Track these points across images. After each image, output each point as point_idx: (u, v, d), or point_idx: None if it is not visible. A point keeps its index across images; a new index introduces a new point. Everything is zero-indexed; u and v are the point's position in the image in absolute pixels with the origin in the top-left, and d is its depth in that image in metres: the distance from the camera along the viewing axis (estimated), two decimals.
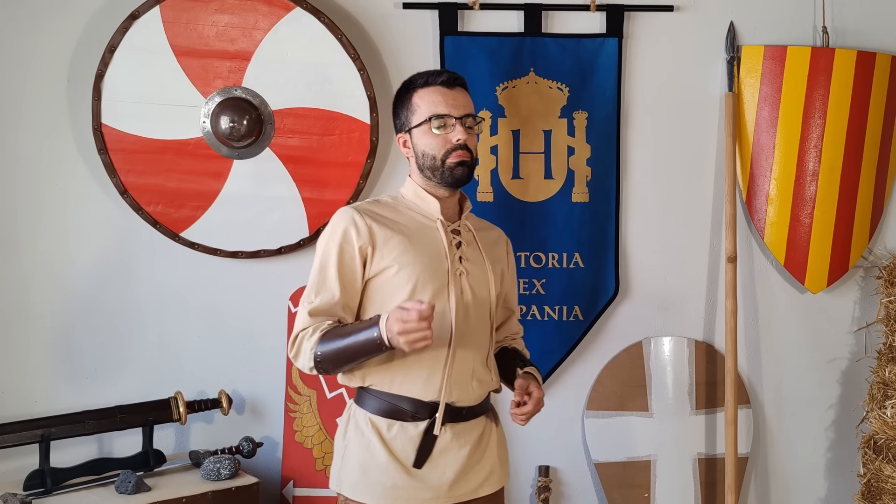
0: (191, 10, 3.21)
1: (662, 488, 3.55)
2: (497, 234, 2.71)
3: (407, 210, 2.54)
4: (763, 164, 3.54)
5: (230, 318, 3.43)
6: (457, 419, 2.47)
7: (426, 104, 2.49)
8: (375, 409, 2.46)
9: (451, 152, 2.47)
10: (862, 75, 3.52)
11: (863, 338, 3.73)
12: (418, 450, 2.43)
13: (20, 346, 3.32)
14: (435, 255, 2.47)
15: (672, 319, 3.63)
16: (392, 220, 2.49)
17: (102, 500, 2.94)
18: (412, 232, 2.48)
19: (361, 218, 2.45)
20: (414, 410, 2.44)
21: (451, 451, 2.46)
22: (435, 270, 2.45)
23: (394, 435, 2.44)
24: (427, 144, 2.49)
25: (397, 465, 2.43)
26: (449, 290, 2.45)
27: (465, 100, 2.52)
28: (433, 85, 2.50)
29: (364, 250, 2.43)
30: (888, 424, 3.41)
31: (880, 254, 3.68)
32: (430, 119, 2.47)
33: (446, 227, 2.51)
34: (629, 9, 3.48)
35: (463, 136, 2.47)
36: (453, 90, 2.50)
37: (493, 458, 2.56)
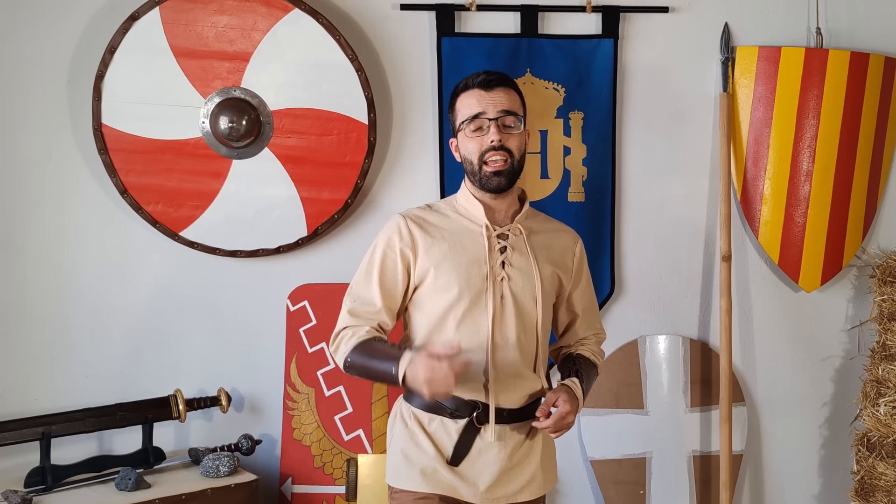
0: (190, 12, 3.22)
1: (657, 485, 3.56)
2: (565, 238, 2.63)
3: (457, 215, 2.53)
4: (757, 163, 3.55)
5: (229, 316, 3.44)
6: (498, 421, 2.45)
7: (464, 107, 2.47)
8: (419, 403, 2.48)
9: (485, 155, 2.43)
10: (855, 76, 3.53)
11: (856, 336, 3.73)
12: (455, 447, 2.44)
13: (21, 345, 3.33)
14: (474, 260, 2.45)
15: (667, 318, 3.64)
16: (438, 227, 2.50)
17: (102, 496, 2.95)
18: (456, 237, 2.48)
19: (406, 226, 2.48)
20: (454, 408, 2.44)
21: (490, 452, 2.45)
22: (473, 276, 2.43)
23: (434, 428, 2.46)
24: (466, 149, 2.47)
25: (438, 455, 2.44)
26: (487, 296, 2.43)
27: (503, 98, 2.45)
28: (472, 87, 2.47)
29: (406, 258, 2.47)
30: (881, 422, 3.42)
31: (874, 253, 3.69)
32: (465, 122, 2.45)
33: (491, 232, 2.48)
34: (625, 10, 3.49)
35: (497, 137, 2.42)
36: (492, 91, 2.45)
37: (535, 464, 2.52)
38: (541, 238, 2.56)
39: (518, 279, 2.47)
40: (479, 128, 2.44)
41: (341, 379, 3.36)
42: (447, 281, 2.44)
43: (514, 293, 2.46)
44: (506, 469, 2.46)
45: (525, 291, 2.46)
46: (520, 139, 2.48)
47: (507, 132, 2.44)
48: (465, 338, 2.43)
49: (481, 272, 2.44)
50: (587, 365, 2.61)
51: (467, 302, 2.43)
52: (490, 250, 2.46)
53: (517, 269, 2.47)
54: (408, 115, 3.47)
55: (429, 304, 2.48)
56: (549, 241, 2.57)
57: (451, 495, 2.44)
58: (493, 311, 2.42)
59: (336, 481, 3.34)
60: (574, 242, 2.64)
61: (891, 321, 3.47)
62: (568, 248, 2.61)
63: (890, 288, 3.47)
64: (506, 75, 2.52)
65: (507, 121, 2.45)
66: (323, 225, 3.37)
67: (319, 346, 3.38)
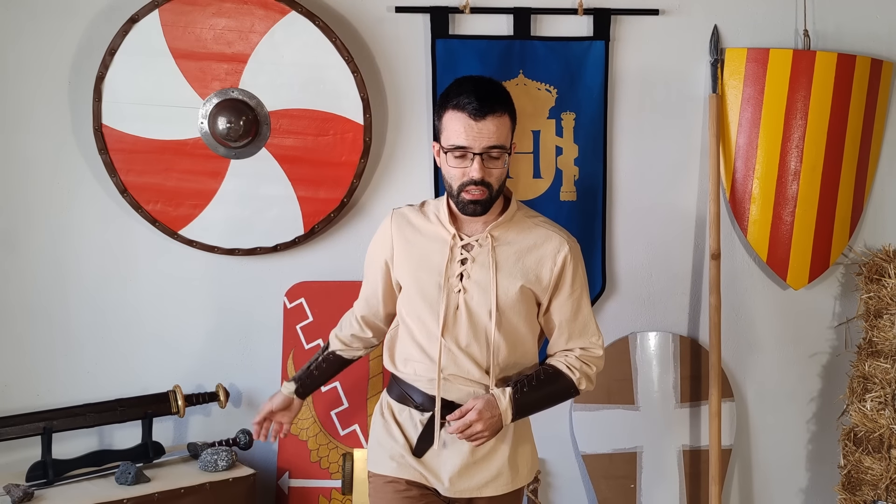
0: (189, 14, 3.22)
1: (648, 479, 3.58)
2: (547, 248, 2.50)
3: (437, 220, 2.53)
4: (746, 163, 3.56)
5: (227, 313, 3.45)
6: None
7: (449, 131, 2.38)
8: (394, 395, 2.59)
9: (465, 186, 2.38)
10: (842, 77, 3.54)
11: (843, 333, 3.75)
12: (419, 439, 2.51)
13: (23, 341, 3.34)
14: (434, 270, 2.48)
15: (657, 315, 3.65)
16: (417, 231, 2.54)
17: (103, 490, 2.95)
18: (427, 245, 2.52)
19: (390, 230, 2.57)
20: (419, 402, 2.52)
21: (452, 445, 2.49)
22: (429, 286, 2.48)
23: (404, 419, 2.55)
24: (446, 171, 2.43)
25: (406, 443, 2.53)
26: (439, 306, 2.46)
27: (492, 130, 2.35)
28: (461, 110, 2.35)
29: (386, 264, 2.60)
30: (868, 417, 3.44)
31: (860, 251, 3.71)
32: (449, 150, 2.39)
33: (455, 243, 2.48)
34: (616, 12, 3.49)
35: (478, 175, 2.36)
36: (482, 121, 2.34)
37: (501, 460, 2.53)
38: (511, 248, 2.48)
39: (474, 292, 2.45)
40: (463, 157, 2.38)
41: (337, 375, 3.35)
42: (408, 287, 2.53)
43: (470, 306, 2.46)
44: (469, 463, 2.50)
45: (481, 305, 2.45)
46: (502, 171, 2.41)
47: (490, 166, 2.38)
48: (424, 342, 2.50)
49: (437, 283, 2.47)
50: (548, 377, 2.51)
51: (423, 308, 2.49)
52: (450, 262, 2.47)
53: (475, 281, 2.45)
54: (402, 115, 3.48)
55: (400, 300, 2.59)
56: (522, 252, 2.49)
57: (419, 481, 2.52)
58: (442, 321, 2.45)
59: (332, 475, 3.34)
60: (557, 252, 2.49)
61: (877, 318, 3.48)
62: (546, 259, 2.49)
63: (876, 285, 3.49)
64: (499, 95, 2.41)
65: (492, 153, 2.37)
66: (319, 224, 3.38)
67: (316, 342, 3.38)
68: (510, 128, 2.44)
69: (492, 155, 2.38)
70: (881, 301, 3.48)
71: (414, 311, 2.52)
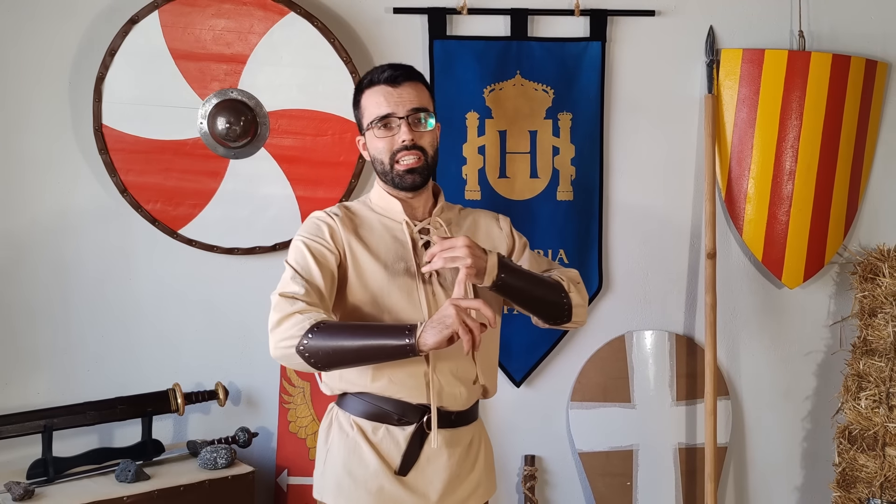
0: (188, 15, 3.23)
1: (644, 477, 3.59)
2: (487, 219, 2.51)
3: (373, 213, 2.40)
4: (741, 163, 3.58)
5: (227, 312, 3.45)
6: (446, 424, 2.31)
7: (371, 105, 2.32)
8: (360, 411, 2.32)
9: (397, 154, 2.30)
10: (837, 78, 3.55)
11: (838, 331, 3.76)
12: (404, 455, 2.29)
13: (24, 340, 3.33)
14: (400, 258, 2.33)
15: (654, 314, 3.67)
16: (360, 226, 2.37)
17: (103, 488, 2.94)
18: (378, 236, 2.36)
19: (334, 221, 2.35)
20: (401, 413, 2.30)
21: (439, 458, 2.32)
22: (401, 276, 2.30)
23: (380, 438, 2.30)
24: (375, 149, 2.33)
25: (385, 468, 2.29)
26: (419, 293, 2.30)
27: (413, 95, 2.31)
28: (377, 84, 2.31)
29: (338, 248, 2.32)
30: (862, 415, 3.46)
31: (855, 250, 3.72)
32: (374, 122, 2.31)
33: (412, 228, 2.36)
34: (612, 13, 3.51)
35: (408, 137, 2.28)
36: (399, 87, 2.30)
37: (481, 469, 2.41)
38: (461, 228, 2.45)
39: (446, 273, 2.32)
40: (388, 127, 2.30)
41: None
42: (376, 281, 2.30)
43: (445, 287, 2.33)
44: (454, 475, 2.34)
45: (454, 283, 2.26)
46: (432, 136, 2.34)
47: (419, 130, 2.31)
48: None
49: (409, 270, 2.32)
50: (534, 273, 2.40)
51: (399, 302, 2.29)
52: (414, 246, 2.34)
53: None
54: None
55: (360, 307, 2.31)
56: (469, 228, 2.46)
57: None
58: (427, 309, 2.29)
59: None
60: (495, 220, 2.52)
61: (871, 317, 3.50)
62: (491, 226, 2.50)
63: (870, 284, 3.50)
64: (412, 68, 2.38)
65: (418, 118, 2.31)
66: None
67: None
68: (430, 98, 2.38)
69: (418, 119, 2.31)
70: (876, 300, 3.49)
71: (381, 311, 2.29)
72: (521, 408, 3.62)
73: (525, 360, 3.55)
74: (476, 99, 3.46)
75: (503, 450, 3.59)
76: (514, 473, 3.64)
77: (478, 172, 3.49)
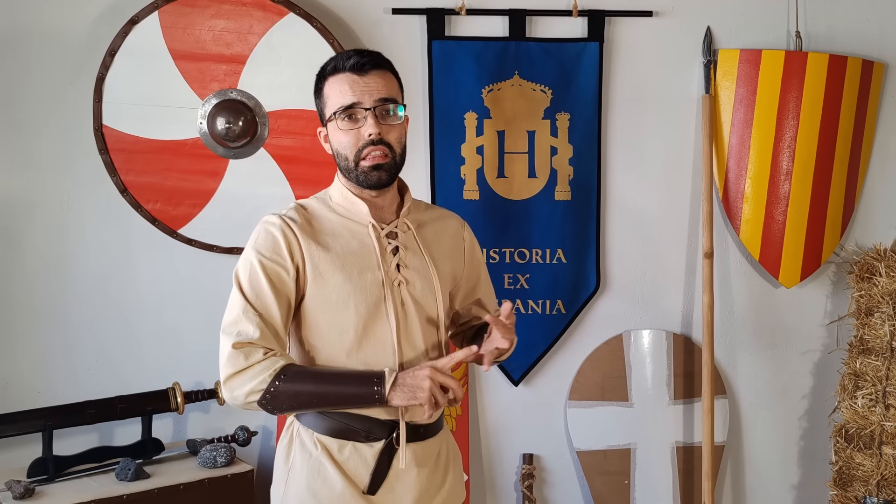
0: (188, 16, 3.24)
1: (642, 475, 3.60)
2: (452, 223, 2.36)
3: (335, 215, 2.21)
4: (739, 163, 3.59)
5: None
6: (415, 438, 2.16)
7: (335, 94, 2.13)
8: (324, 428, 2.13)
9: (363, 150, 2.12)
10: (834, 78, 3.56)
11: (834, 331, 3.77)
12: (373, 474, 2.12)
13: (24, 339, 3.34)
14: (367, 266, 2.14)
15: (651, 313, 3.67)
16: (321, 230, 2.18)
17: (103, 486, 2.95)
18: (342, 241, 2.16)
19: (288, 229, 2.14)
20: (368, 430, 2.12)
21: (409, 473, 2.16)
22: (368, 285, 2.12)
23: (346, 457, 2.13)
24: (338, 142, 2.15)
25: (352, 489, 2.12)
26: (386, 304, 2.13)
27: (381, 84, 2.12)
28: (342, 71, 2.12)
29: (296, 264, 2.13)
30: (859, 414, 3.47)
31: (851, 250, 3.72)
32: (337, 113, 2.12)
33: (379, 232, 2.17)
34: (610, 14, 3.52)
35: (375, 130, 2.09)
36: (366, 75, 2.11)
37: (451, 479, 2.27)
38: (429, 230, 2.28)
39: (416, 281, 2.18)
40: (353, 118, 2.12)
41: None
42: (340, 292, 2.12)
43: (415, 296, 2.17)
44: (425, 490, 2.18)
45: (425, 293, 2.19)
46: (399, 130, 2.16)
47: (386, 123, 2.13)
48: (369, 354, 2.12)
49: (376, 279, 2.13)
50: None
51: (366, 314, 2.12)
52: (382, 253, 2.16)
53: (413, 269, 2.19)
54: None
55: (322, 320, 2.14)
56: (437, 232, 2.29)
57: None
58: (395, 322, 2.12)
59: None
60: (461, 226, 2.37)
61: (868, 316, 3.51)
62: (457, 235, 2.35)
63: (867, 284, 3.52)
64: (380, 55, 2.18)
65: (386, 108, 2.13)
66: None
67: None
68: (398, 88, 2.20)
69: (386, 111, 2.13)
70: (872, 299, 3.50)
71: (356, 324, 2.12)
72: (519, 406, 3.63)
73: (523, 359, 3.55)
74: (474, 99, 3.47)
75: (501, 448, 3.61)
76: (512, 472, 3.65)
77: (476, 172, 3.50)
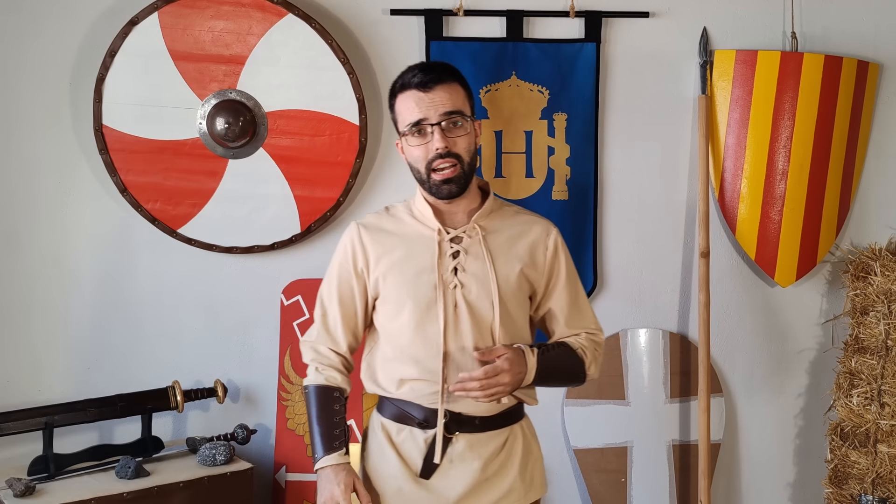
0: (188, 17, 3.25)
1: (638, 473, 3.60)
2: (536, 231, 2.37)
3: (412, 220, 2.34)
4: (735, 163, 3.59)
5: (225, 310, 3.47)
6: (470, 429, 2.27)
7: (404, 111, 2.24)
8: (388, 413, 2.33)
9: (432, 164, 2.22)
10: (829, 78, 3.56)
11: (830, 329, 3.78)
12: (425, 458, 2.27)
13: (25, 338, 3.36)
14: (425, 268, 2.26)
15: (648, 312, 3.68)
16: (392, 233, 2.32)
17: (103, 484, 2.96)
18: (409, 245, 2.30)
19: (359, 238, 2.32)
20: (422, 417, 2.28)
21: (463, 462, 2.27)
22: (422, 286, 2.25)
23: (402, 440, 2.30)
24: (411, 156, 2.26)
25: (405, 470, 2.28)
26: (437, 306, 2.24)
27: (445, 98, 2.21)
28: (409, 88, 2.23)
29: (361, 275, 2.33)
30: (854, 412, 3.48)
31: (846, 249, 3.72)
32: (407, 128, 2.23)
33: (443, 237, 2.28)
34: (607, 15, 3.52)
35: (442, 144, 2.19)
36: (431, 91, 2.20)
37: (513, 474, 2.31)
38: (502, 236, 2.32)
39: (472, 285, 2.26)
40: (422, 133, 2.22)
41: None
42: (396, 293, 2.28)
43: (469, 300, 2.25)
44: (480, 481, 2.28)
45: (481, 297, 2.26)
46: (468, 140, 2.24)
47: (453, 135, 2.21)
48: (419, 351, 2.26)
49: (430, 281, 2.25)
50: (566, 349, 2.35)
51: (417, 313, 2.25)
52: (440, 256, 2.27)
53: (471, 274, 2.26)
54: None
55: (383, 314, 2.33)
56: (512, 238, 2.33)
57: None
58: (443, 322, 2.23)
59: None
60: (546, 234, 2.37)
61: (863, 315, 3.52)
62: (538, 242, 2.36)
63: (862, 283, 3.52)
64: (446, 68, 2.27)
65: (453, 121, 2.21)
66: (316, 222, 3.41)
67: None
68: (465, 97, 2.27)
69: (453, 123, 2.22)
70: (867, 298, 3.51)
71: (410, 321, 2.27)
72: None
73: None
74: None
75: None
76: None
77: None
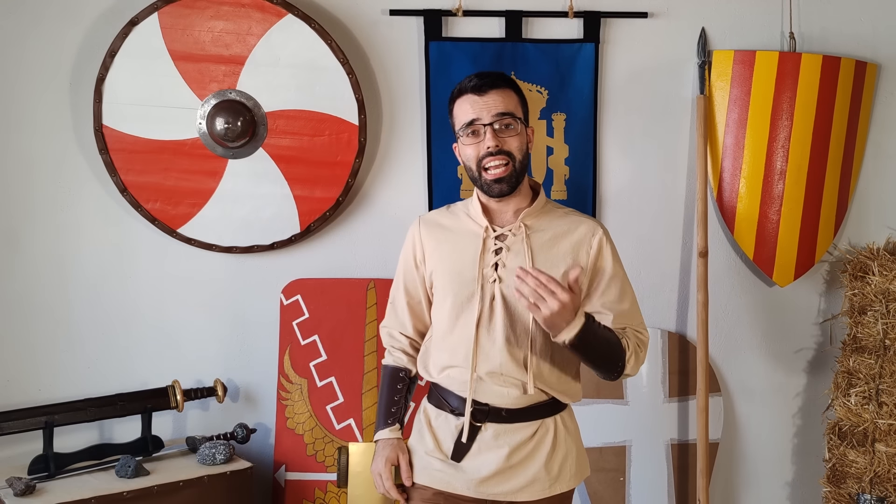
0: (187, 17, 3.26)
1: (637, 472, 3.61)
2: (582, 230, 2.48)
3: (466, 217, 2.51)
4: (733, 163, 3.60)
5: (225, 310, 3.47)
6: (498, 420, 2.42)
7: (460, 114, 2.40)
8: (432, 398, 2.56)
9: (483, 161, 2.37)
10: (827, 79, 3.57)
11: (828, 329, 3.78)
12: (456, 443, 2.44)
13: (25, 337, 3.36)
14: (469, 263, 2.43)
15: (646, 311, 3.45)
16: (447, 229, 2.52)
17: (103, 483, 2.97)
18: (459, 240, 2.48)
19: (418, 232, 2.55)
20: (455, 405, 2.46)
21: (490, 449, 2.42)
22: (464, 279, 2.43)
23: (439, 424, 2.50)
24: (465, 155, 2.42)
25: (439, 451, 2.47)
26: (474, 299, 2.40)
27: (499, 101, 2.36)
28: (465, 93, 2.38)
29: (420, 267, 2.56)
30: (852, 411, 3.48)
31: (844, 249, 3.73)
32: (462, 129, 2.40)
33: (489, 234, 2.43)
34: (605, 15, 3.53)
35: (493, 143, 2.34)
36: (485, 95, 2.36)
37: (538, 465, 2.43)
38: (546, 235, 2.45)
39: (510, 280, 2.36)
40: (475, 133, 2.38)
41: (333, 370, 3.40)
42: (442, 284, 2.48)
43: (506, 295, 2.40)
44: (504, 468, 2.42)
45: None
46: (520, 139, 2.39)
47: (505, 135, 2.37)
48: (455, 340, 2.45)
49: (472, 274, 2.42)
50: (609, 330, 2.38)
51: (457, 304, 2.43)
52: (483, 252, 2.42)
53: (510, 270, 2.38)
54: (397, 116, 3.51)
55: (434, 303, 2.55)
56: (556, 237, 2.45)
57: (445, 489, 2.45)
58: (478, 314, 2.39)
59: (328, 468, 3.36)
60: (591, 234, 2.47)
61: (861, 315, 3.52)
62: (582, 242, 2.46)
63: (860, 283, 3.53)
64: (501, 75, 2.43)
65: (504, 122, 2.36)
66: (315, 222, 3.42)
67: (312, 338, 3.40)
68: (518, 102, 2.42)
69: (505, 125, 2.37)
70: (865, 298, 3.51)
71: (450, 311, 2.46)
72: None
73: None
74: None
75: None
76: None
77: None
